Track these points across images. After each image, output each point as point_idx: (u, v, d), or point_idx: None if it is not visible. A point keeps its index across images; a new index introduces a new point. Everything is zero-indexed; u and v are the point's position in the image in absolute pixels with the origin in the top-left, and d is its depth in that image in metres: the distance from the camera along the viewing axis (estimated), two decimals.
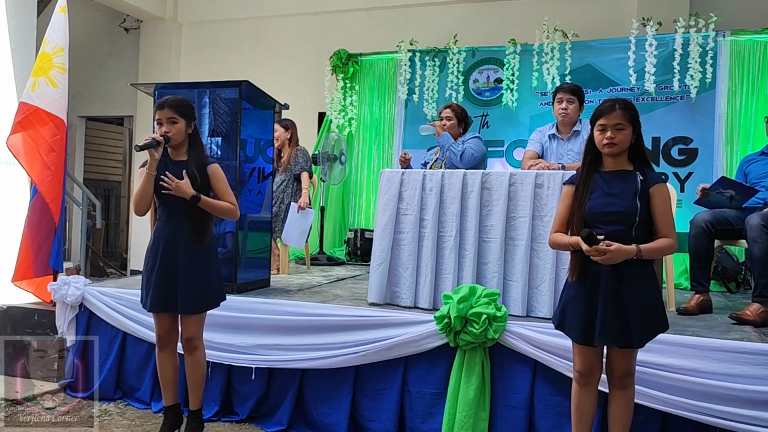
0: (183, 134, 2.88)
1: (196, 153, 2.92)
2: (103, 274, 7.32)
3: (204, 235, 2.88)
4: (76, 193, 6.78)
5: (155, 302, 2.87)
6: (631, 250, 2.22)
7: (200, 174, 2.88)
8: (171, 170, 2.85)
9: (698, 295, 3.61)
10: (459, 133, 4.35)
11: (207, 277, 2.90)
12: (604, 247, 2.20)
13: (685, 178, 5.39)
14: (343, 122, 6.47)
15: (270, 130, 4.45)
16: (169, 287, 2.84)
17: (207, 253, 2.91)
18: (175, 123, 2.85)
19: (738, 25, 5.36)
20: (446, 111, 4.36)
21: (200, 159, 2.92)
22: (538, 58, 5.80)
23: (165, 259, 2.84)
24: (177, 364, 3.05)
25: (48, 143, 4.17)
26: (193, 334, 2.93)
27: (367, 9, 6.90)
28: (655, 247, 2.26)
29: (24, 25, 5.65)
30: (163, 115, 2.84)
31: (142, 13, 7.60)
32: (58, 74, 4.21)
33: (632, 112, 2.34)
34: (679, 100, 5.44)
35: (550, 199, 3.28)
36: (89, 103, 8.37)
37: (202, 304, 2.92)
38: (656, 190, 2.30)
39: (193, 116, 2.93)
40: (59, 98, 4.20)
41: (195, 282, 2.85)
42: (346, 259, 6.11)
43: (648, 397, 2.71)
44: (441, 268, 3.48)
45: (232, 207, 2.95)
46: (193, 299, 2.86)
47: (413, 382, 3.19)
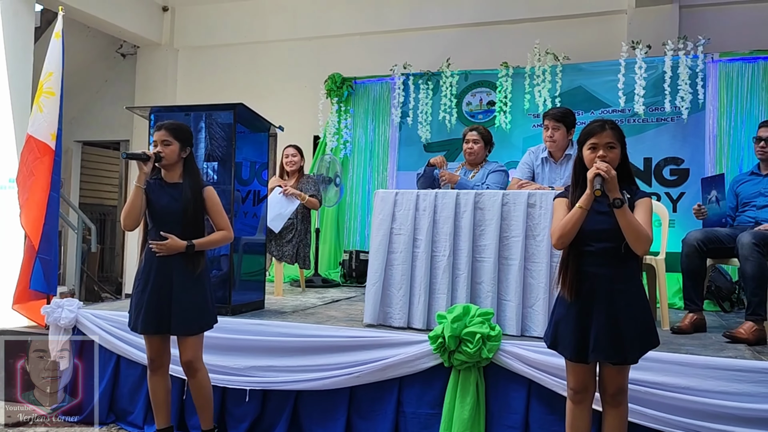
0: (176, 156, 2.90)
1: (191, 176, 2.94)
2: (98, 298, 7.29)
3: (198, 259, 2.89)
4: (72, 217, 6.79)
5: (147, 324, 2.86)
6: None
7: (196, 197, 2.90)
8: (166, 192, 2.88)
9: (692, 314, 3.62)
10: (485, 155, 4.33)
11: (201, 299, 2.90)
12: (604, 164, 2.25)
13: (677, 198, 5.43)
14: (337, 145, 6.53)
15: (265, 153, 4.48)
16: (161, 308, 2.83)
17: (201, 274, 2.91)
18: (169, 145, 2.88)
19: (726, 48, 5.45)
20: (472, 134, 4.30)
21: (195, 182, 2.93)
22: (529, 80, 5.87)
23: (158, 280, 2.84)
24: (169, 386, 3.03)
25: (30, 167, 4.16)
26: (192, 357, 2.91)
27: (361, 34, 6.99)
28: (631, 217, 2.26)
29: (21, 51, 5.73)
30: (158, 137, 2.88)
31: (139, 39, 7.69)
32: (45, 99, 4.20)
33: (619, 132, 2.38)
34: (670, 121, 5.50)
35: (542, 218, 3.30)
36: (86, 128, 8.41)
37: (197, 325, 2.91)
38: (639, 203, 2.34)
39: (189, 141, 2.95)
40: (43, 122, 4.18)
41: (189, 303, 2.85)
42: (342, 281, 6.11)
43: (642, 415, 2.71)
44: (434, 288, 3.48)
45: (226, 234, 2.98)
46: (188, 320, 2.86)
47: (408, 403, 3.17)
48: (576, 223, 2.30)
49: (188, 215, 2.86)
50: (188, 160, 2.96)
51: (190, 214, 2.86)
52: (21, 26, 5.74)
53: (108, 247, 9.46)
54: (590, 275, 2.31)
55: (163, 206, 2.88)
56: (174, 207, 2.87)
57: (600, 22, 6.19)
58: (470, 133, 4.32)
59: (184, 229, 2.85)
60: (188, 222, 2.86)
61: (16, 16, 5.68)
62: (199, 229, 2.92)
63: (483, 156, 4.32)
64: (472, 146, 4.28)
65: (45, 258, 4.12)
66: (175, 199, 2.87)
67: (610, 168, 2.25)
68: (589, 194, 2.26)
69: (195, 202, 2.89)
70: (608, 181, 2.23)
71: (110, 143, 9.12)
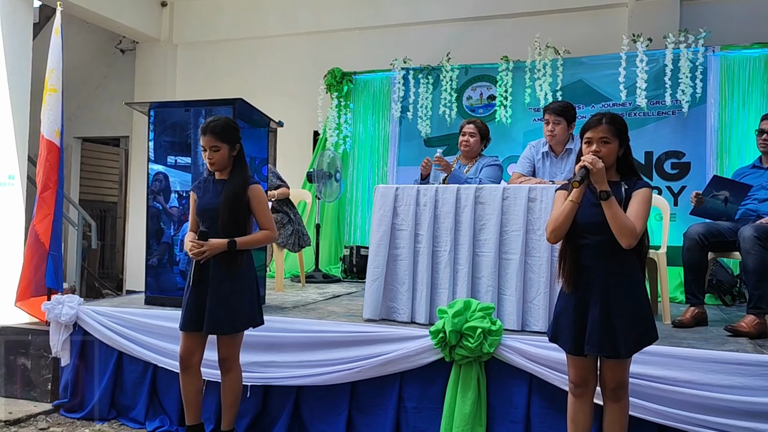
0: (226, 159, 2.86)
1: (238, 173, 2.89)
2: (99, 294, 7.30)
3: (238, 258, 2.82)
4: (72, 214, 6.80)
5: (186, 321, 2.84)
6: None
7: (238, 194, 2.84)
8: (212, 189, 2.87)
9: (693, 307, 3.62)
10: (480, 149, 4.30)
11: (236, 299, 2.82)
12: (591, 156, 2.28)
13: (678, 191, 5.42)
14: (337, 140, 6.51)
15: (265, 149, 4.46)
16: (199, 306, 2.80)
17: (240, 273, 2.84)
18: (218, 150, 2.83)
19: (727, 41, 5.43)
20: (469, 127, 4.26)
21: (242, 179, 2.88)
22: (530, 74, 5.85)
23: (196, 277, 2.81)
24: (199, 386, 2.98)
25: (42, 166, 4.18)
26: (226, 355, 2.88)
27: (360, 28, 6.96)
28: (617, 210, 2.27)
29: (20, 47, 5.71)
30: (206, 143, 2.83)
31: (138, 35, 7.67)
32: (48, 96, 4.21)
33: (619, 126, 2.37)
34: (671, 115, 5.48)
35: (543, 213, 3.29)
36: (85, 124, 8.39)
37: (229, 326, 2.83)
38: (636, 193, 2.34)
39: (237, 138, 2.90)
40: (47, 119, 4.19)
41: (222, 303, 2.79)
42: (342, 277, 6.10)
43: (644, 409, 2.71)
44: (436, 283, 3.48)
45: (269, 233, 2.93)
46: (219, 320, 2.80)
47: (409, 398, 3.18)
48: (567, 216, 2.31)
49: (227, 212, 2.80)
50: (238, 157, 2.91)
51: (229, 210, 2.80)
52: (20, 22, 5.73)
53: (108, 244, 9.47)
54: (587, 268, 2.32)
55: (206, 202, 2.85)
56: (215, 203, 2.83)
57: (601, 16, 6.16)
58: (467, 126, 4.28)
59: (224, 226, 2.80)
60: (228, 219, 2.80)
61: (15, 11, 5.67)
62: (241, 227, 2.85)
63: (478, 150, 4.29)
64: (468, 139, 4.24)
65: (55, 255, 4.15)
66: (217, 195, 2.84)
67: (596, 160, 2.26)
68: (575, 187, 2.27)
69: (236, 199, 2.83)
70: (594, 173, 2.24)
71: (110, 139, 9.11)
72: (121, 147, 9.29)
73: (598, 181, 2.26)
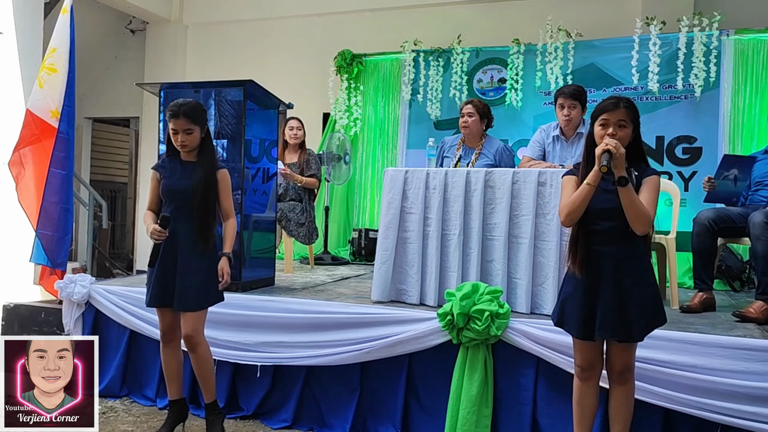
0: (198, 140, 2.89)
1: (207, 156, 2.92)
2: (110, 274, 7.36)
3: (209, 237, 2.88)
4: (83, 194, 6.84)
5: (153, 297, 2.89)
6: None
7: (208, 177, 2.88)
8: (179, 170, 2.89)
9: (702, 293, 3.62)
10: (482, 129, 4.20)
11: (203, 276, 2.88)
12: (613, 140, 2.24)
13: (689, 177, 5.39)
14: (347, 122, 6.50)
15: (274, 131, 4.47)
16: (167, 283, 2.86)
17: (207, 252, 2.89)
18: (191, 133, 2.85)
19: (742, 24, 5.37)
20: (467, 107, 4.18)
21: (212, 162, 2.93)
22: (541, 57, 5.81)
23: (165, 255, 2.86)
24: (181, 359, 3.06)
25: (26, 142, 4.13)
26: (191, 331, 2.90)
27: (371, 10, 6.92)
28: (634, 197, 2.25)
29: (31, 27, 5.71)
30: (179, 126, 2.83)
31: (148, 15, 7.66)
32: (46, 75, 4.15)
33: (634, 111, 2.36)
34: (683, 99, 5.44)
35: (553, 197, 3.29)
36: (95, 105, 8.43)
37: (196, 302, 2.89)
38: (646, 180, 2.33)
39: (206, 120, 2.93)
40: (43, 98, 4.14)
41: (190, 280, 2.85)
42: (351, 259, 6.13)
43: (650, 393, 2.72)
44: (446, 266, 3.50)
45: (233, 221, 2.99)
46: (187, 297, 2.86)
47: (417, 379, 3.21)
48: (584, 199, 2.29)
49: (199, 195, 2.84)
50: (206, 139, 2.93)
51: (202, 193, 2.84)
52: (30, 2, 5.72)
53: (119, 224, 9.54)
54: (597, 253, 2.32)
55: (174, 183, 2.88)
56: (186, 185, 2.86)
57: None
58: (465, 107, 4.20)
59: (196, 208, 2.85)
60: (200, 201, 2.85)
61: None
62: (210, 209, 2.90)
63: (479, 130, 4.19)
64: (466, 120, 4.15)
65: (45, 233, 4.12)
66: (188, 177, 2.86)
67: (619, 145, 2.24)
68: (596, 171, 2.25)
69: (208, 183, 2.87)
70: (616, 158, 2.22)
71: (120, 120, 9.14)
72: (132, 128, 9.31)
73: (617, 166, 2.22)
